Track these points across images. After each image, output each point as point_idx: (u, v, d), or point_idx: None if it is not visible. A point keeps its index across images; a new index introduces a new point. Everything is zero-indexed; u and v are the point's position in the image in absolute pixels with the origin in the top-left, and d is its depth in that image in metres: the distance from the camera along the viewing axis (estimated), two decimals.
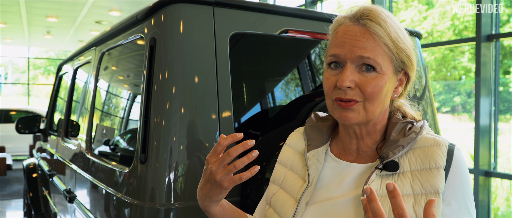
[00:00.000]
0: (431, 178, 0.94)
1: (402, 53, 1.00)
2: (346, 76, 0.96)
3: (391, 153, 0.99)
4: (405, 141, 1.00)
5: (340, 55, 0.98)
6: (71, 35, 13.03)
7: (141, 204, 1.55)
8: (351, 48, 0.97)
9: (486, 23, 4.55)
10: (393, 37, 0.98)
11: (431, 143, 0.99)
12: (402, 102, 1.12)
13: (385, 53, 0.97)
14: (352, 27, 0.99)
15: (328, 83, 1.01)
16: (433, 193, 0.93)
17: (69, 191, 2.48)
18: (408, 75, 1.05)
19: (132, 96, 2.05)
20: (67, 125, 3.06)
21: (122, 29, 1.98)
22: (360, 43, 0.96)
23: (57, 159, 3.06)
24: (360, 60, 0.96)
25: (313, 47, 2.12)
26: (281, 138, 1.61)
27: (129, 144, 1.94)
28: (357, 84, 0.97)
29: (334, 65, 1.00)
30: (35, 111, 11.72)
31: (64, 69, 3.72)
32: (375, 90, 0.97)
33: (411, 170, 0.97)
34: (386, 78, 0.98)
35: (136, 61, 1.97)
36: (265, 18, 1.78)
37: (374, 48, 0.96)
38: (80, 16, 10.29)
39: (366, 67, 0.97)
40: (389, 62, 0.98)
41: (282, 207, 1.08)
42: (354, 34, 0.98)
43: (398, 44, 0.99)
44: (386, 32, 0.97)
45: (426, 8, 11.78)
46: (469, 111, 7.30)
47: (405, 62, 1.01)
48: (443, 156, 0.96)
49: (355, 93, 0.97)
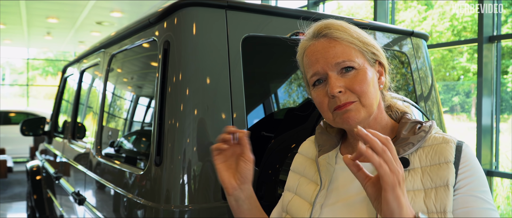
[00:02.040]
0: (440, 172, 0.97)
1: (369, 46, 1.08)
2: (333, 83, 1.03)
3: (401, 150, 1.03)
4: (415, 139, 1.03)
5: (319, 71, 1.06)
6: (72, 36, 13.03)
7: (156, 206, 1.56)
8: (325, 61, 1.05)
9: (488, 24, 4.58)
10: (355, 35, 1.06)
11: (440, 141, 1.03)
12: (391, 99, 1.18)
13: (355, 50, 1.05)
14: (317, 43, 1.07)
15: (320, 99, 1.08)
16: (442, 186, 0.95)
17: (78, 193, 2.49)
18: (383, 65, 1.12)
19: (144, 99, 2.06)
20: (74, 127, 3.07)
21: (133, 32, 1.99)
22: (330, 52, 1.05)
23: (64, 161, 3.07)
24: (337, 66, 1.04)
25: None
26: (293, 140, 1.62)
27: (142, 146, 1.96)
28: (345, 87, 1.03)
29: (317, 82, 1.08)
30: (35, 113, 11.70)
31: (69, 71, 3.73)
32: (362, 84, 1.03)
33: (421, 167, 1.00)
34: (367, 70, 1.05)
35: (148, 64, 1.99)
36: (277, 21, 1.79)
37: (344, 51, 1.04)
38: (81, 17, 10.29)
39: (345, 69, 1.04)
40: (362, 56, 1.06)
41: (297, 212, 1.12)
42: (321, 48, 1.06)
43: (362, 40, 1.07)
44: (347, 33, 1.06)
45: (425, 9, 11.81)
46: (467, 111, 7.33)
47: (375, 53, 1.09)
48: (452, 151, 0.99)
49: (347, 96, 1.03)
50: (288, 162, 1.54)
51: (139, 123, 2.05)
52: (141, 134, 2.01)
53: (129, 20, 10.62)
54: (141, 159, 1.87)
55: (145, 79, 2.08)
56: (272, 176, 1.59)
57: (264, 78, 2.02)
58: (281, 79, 2.02)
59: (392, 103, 1.17)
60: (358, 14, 9.65)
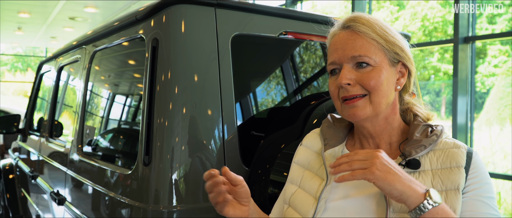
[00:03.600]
0: (451, 176, 1.00)
1: (393, 46, 1.08)
2: (343, 75, 1.05)
3: (413, 152, 1.04)
4: (427, 142, 1.05)
5: (335, 61, 1.09)
6: (43, 31, 12.69)
7: (144, 206, 1.54)
8: (343, 52, 1.07)
9: (463, 25, 4.69)
10: (379, 32, 1.07)
11: (451, 146, 1.05)
12: (413, 102, 1.18)
13: (375, 47, 1.06)
14: (341, 34, 1.10)
15: (332, 87, 1.10)
16: (453, 190, 0.98)
17: (58, 193, 2.43)
18: (407, 68, 1.12)
19: (128, 96, 2.02)
20: (52, 125, 2.99)
21: (118, 28, 1.95)
22: (349, 45, 1.07)
23: (42, 160, 2.99)
24: (353, 60, 1.06)
25: (315, 49, 2.14)
26: (283, 140, 1.62)
27: (128, 146, 1.92)
28: (357, 80, 1.05)
29: (333, 72, 1.11)
30: (4, 110, 11.35)
31: (45, 68, 3.63)
32: (374, 82, 1.05)
33: (432, 169, 1.03)
34: (383, 69, 1.06)
35: (133, 61, 1.95)
36: (266, 20, 1.78)
37: (363, 46, 1.06)
38: (54, 12, 10.03)
39: (360, 64, 1.06)
40: (382, 54, 1.07)
41: (302, 206, 1.12)
42: (343, 39, 1.08)
43: (387, 38, 1.07)
44: (372, 29, 1.07)
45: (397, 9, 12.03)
46: (437, 110, 7.51)
47: (399, 54, 1.09)
48: (463, 157, 1.02)
49: (356, 89, 1.05)
50: (278, 162, 1.54)
51: (124, 122, 2.01)
52: (127, 133, 1.97)
53: (103, 16, 10.42)
54: (127, 159, 1.83)
55: (130, 76, 2.04)
56: (262, 176, 1.58)
57: (253, 76, 2.01)
58: (270, 78, 2.02)
59: (412, 107, 1.17)
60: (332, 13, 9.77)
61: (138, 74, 1.92)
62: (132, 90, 1.98)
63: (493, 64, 10.79)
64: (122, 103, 2.08)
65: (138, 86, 1.90)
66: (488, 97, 9.89)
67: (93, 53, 2.26)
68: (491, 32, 9.10)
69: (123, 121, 2.02)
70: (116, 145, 2.05)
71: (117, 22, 1.94)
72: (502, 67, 10.62)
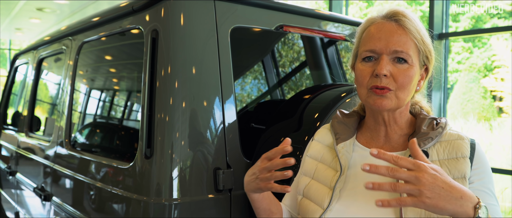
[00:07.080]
0: (458, 165, 1.06)
1: (427, 48, 1.13)
2: (383, 65, 1.07)
3: (422, 144, 1.10)
4: (434, 134, 1.12)
5: (376, 50, 1.10)
6: (8, 23, 12.22)
7: (146, 199, 1.52)
8: (386, 43, 1.09)
9: (438, 22, 4.82)
10: (421, 33, 1.11)
11: (455, 137, 1.12)
12: (419, 96, 1.25)
13: (415, 48, 1.10)
14: (387, 24, 1.11)
15: (364, 74, 1.12)
16: (460, 178, 1.05)
17: (42, 189, 2.36)
18: (428, 71, 1.18)
19: (122, 89, 1.99)
20: (32, 120, 2.90)
21: (111, 19, 1.91)
22: (394, 37, 1.08)
23: (21, 155, 2.90)
24: (394, 54, 1.09)
25: (315, 43, 2.16)
26: (282, 134, 1.63)
27: (125, 140, 1.89)
28: (391, 74, 1.08)
29: (367, 58, 1.12)
30: None
31: (21, 60, 3.51)
32: (406, 80, 1.08)
33: (439, 159, 1.09)
34: (415, 70, 1.11)
35: (128, 53, 1.91)
36: (265, 13, 1.79)
37: (406, 43, 1.08)
38: (20, 3, 9.66)
39: (398, 59, 1.09)
40: (417, 55, 1.11)
41: (317, 196, 1.17)
42: (389, 30, 1.10)
43: (424, 40, 1.12)
44: (416, 29, 1.10)
45: (366, 6, 12.24)
46: None
47: (428, 57, 1.14)
48: (467, 147, 1.09)
49: (389, 81, 1.08)
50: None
51: (119, 115, 1.98)
52: (123, 126, 1.94)
53: (70, 7, 10.11)
54: (126, 153, 1.80)
55: (124, 68, 2.00)
56: None
57: (253, 69, 2.01)
58: (270, 72, 2.03)
59: (417, 101, 1.24)
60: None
61: (132, 65, 1.89)
62: (126, 81, 1.95)
63: (456, 60, 11.17)
64: (116, 95, 2.05)
65: (131, 77, 1.88)
66: (452, 92, 10.23)
67: (81, 44, 2.20)
68: (455, 30, 9.40)
69: (118, 114, 1.99)
70: (111, 139, 2.01)
71: (110, 12, 1.90)
72: (465, 64, 11.02)
